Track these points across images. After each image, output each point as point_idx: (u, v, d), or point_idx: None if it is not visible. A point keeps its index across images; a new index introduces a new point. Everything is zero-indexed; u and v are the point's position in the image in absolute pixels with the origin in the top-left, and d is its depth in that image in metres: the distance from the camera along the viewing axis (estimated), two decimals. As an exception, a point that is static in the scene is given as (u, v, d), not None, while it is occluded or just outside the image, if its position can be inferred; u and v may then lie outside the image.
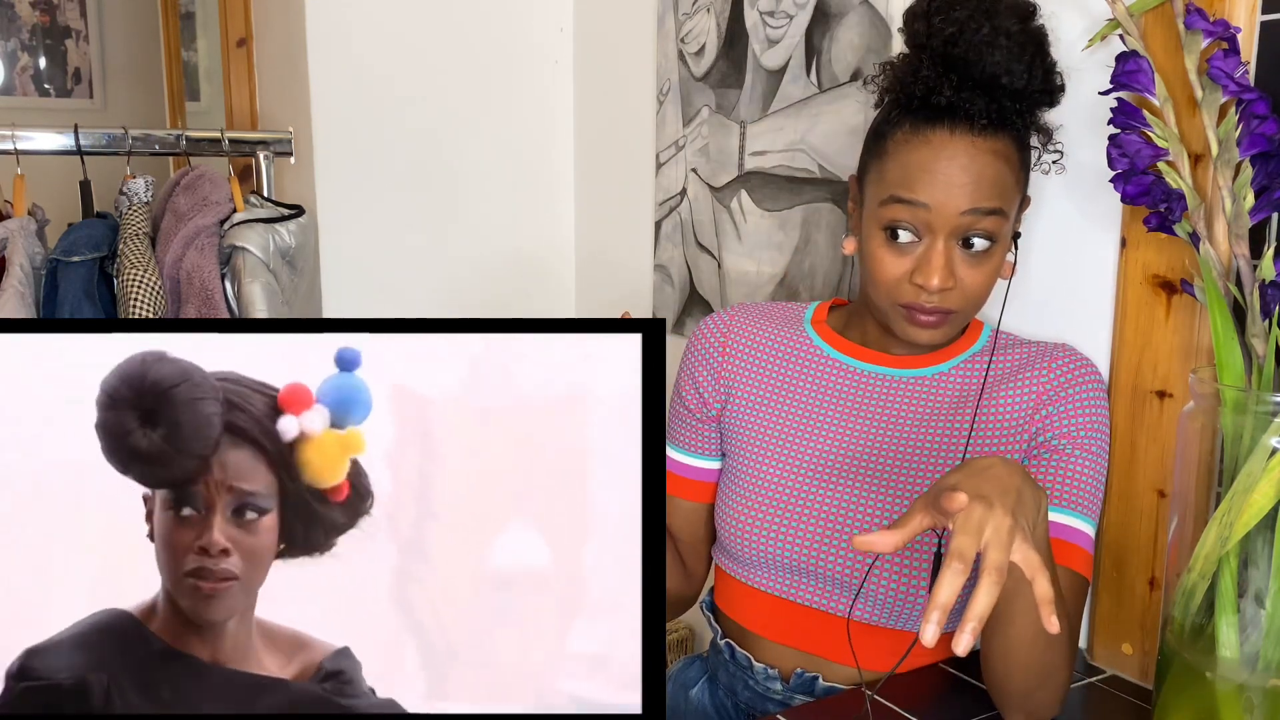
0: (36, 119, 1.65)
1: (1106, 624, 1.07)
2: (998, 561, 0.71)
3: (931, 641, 0.69)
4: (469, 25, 1.76)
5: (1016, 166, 0.97)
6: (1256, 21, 0.92)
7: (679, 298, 1.69)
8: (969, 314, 1.01)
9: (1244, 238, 0.86)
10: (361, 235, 1.72)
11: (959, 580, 0.70)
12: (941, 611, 0.70)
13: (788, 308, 1.17)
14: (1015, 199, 0.98)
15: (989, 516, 0.73)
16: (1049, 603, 0.72)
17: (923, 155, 0.95)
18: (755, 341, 1.13)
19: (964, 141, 0.94)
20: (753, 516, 1.06)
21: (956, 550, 0.71)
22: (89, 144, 1.50)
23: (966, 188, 0.94)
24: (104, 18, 3.43)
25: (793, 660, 1.06)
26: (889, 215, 0.97)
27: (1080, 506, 0.97)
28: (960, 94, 0.93)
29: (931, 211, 0.95)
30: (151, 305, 1.42)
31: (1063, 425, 0.99)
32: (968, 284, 0.97)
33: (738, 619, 1.11)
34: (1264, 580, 0.79)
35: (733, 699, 1.13)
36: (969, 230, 0.95)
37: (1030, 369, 1.03)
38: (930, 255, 0.96)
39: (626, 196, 1.77)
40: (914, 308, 0.98)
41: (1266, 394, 0.81)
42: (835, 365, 1.09)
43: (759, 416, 1.10)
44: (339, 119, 1.67)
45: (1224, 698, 0.80)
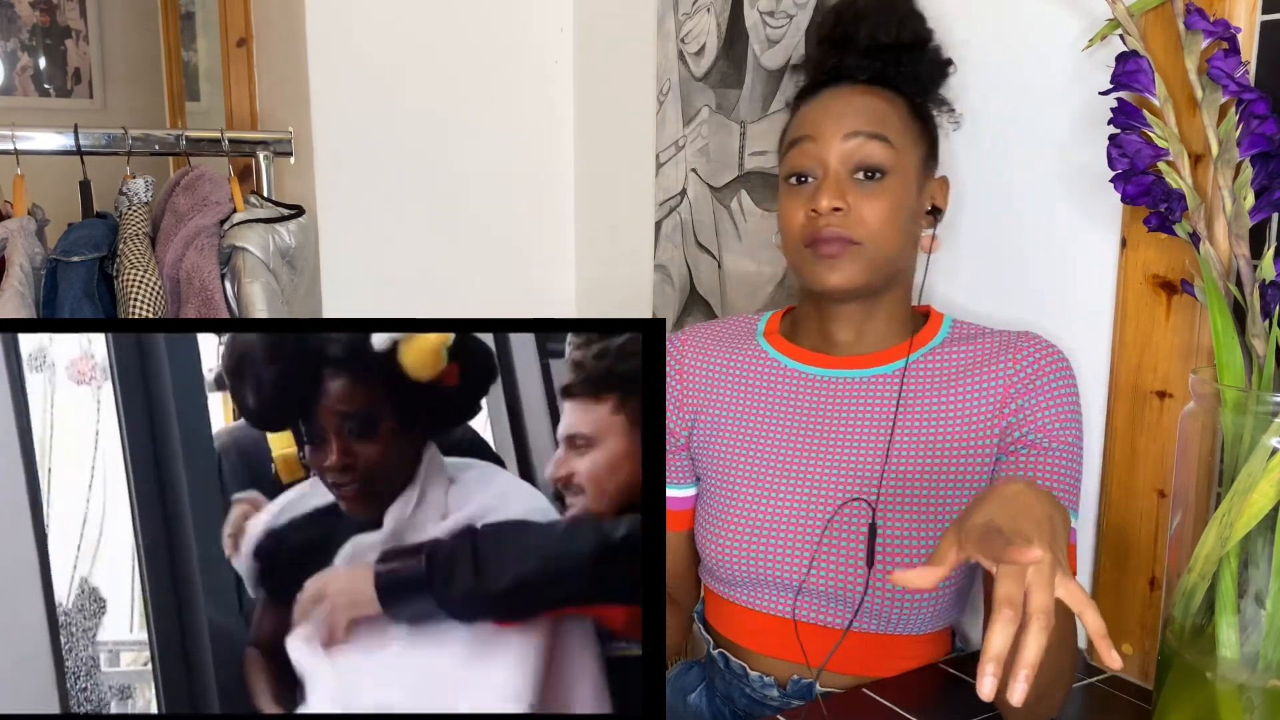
0: (36, 119, 1.65)
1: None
2: (1044, 605, 0.69)
3: (990, 695, 0.67)
4: (469, 25, 1.76)
5: (903, 114, 1.04)
6: (1256, 21, 0.92)
7: (679, 298, 1.69)
8: (872, 254, 1.01)
9: (1244, 238, 0.86)
10: (361, 235, 1.72)
11: (1011, 629, 0.68)
12: (996, 663, 0.67)
13: (738, 323, 1.17)
14: (905, 142, 1.03)
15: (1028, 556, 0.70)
16: (1103, 637, 0.71)
17: (813, 106, 1.06)
18: (710, 364, 1.14)
19: (844, 89, 1.05)
20: (733, 538, 1.06)
21: (1004, 598, 0.69)
22: (89, 144, 1.50)
23: (848, 115, 1.02)
24: (104, 18, 3.43)
25: (787, 668, 1.06)
26: (788, 163, 1.05)
27: (1063, 502, 0.97)
28: (843, 60, 1.05)
29: (818, 142, 1.02)
30: (151, 305, 1.42)
31: (1037, 420, 0.99)
32: (864, 212, 1.00)
33: (728, 635, 1.11)
34: (1264, 580, 0.79)
35: (730, 705, 1.13)
36: (860, 156, 1.01)
37: (996, 360, 1.02)
38: (822, 183, 1.01)
39: (626, 196, 1.77)
40: (816, 239, 1.00)
41: (1266, 394, 0.81)
42: (794, 375, 1.09)
43: (727, 438, 1.10)
44: (339, 119, 1.67)
45: (1224, 698, 0.80)
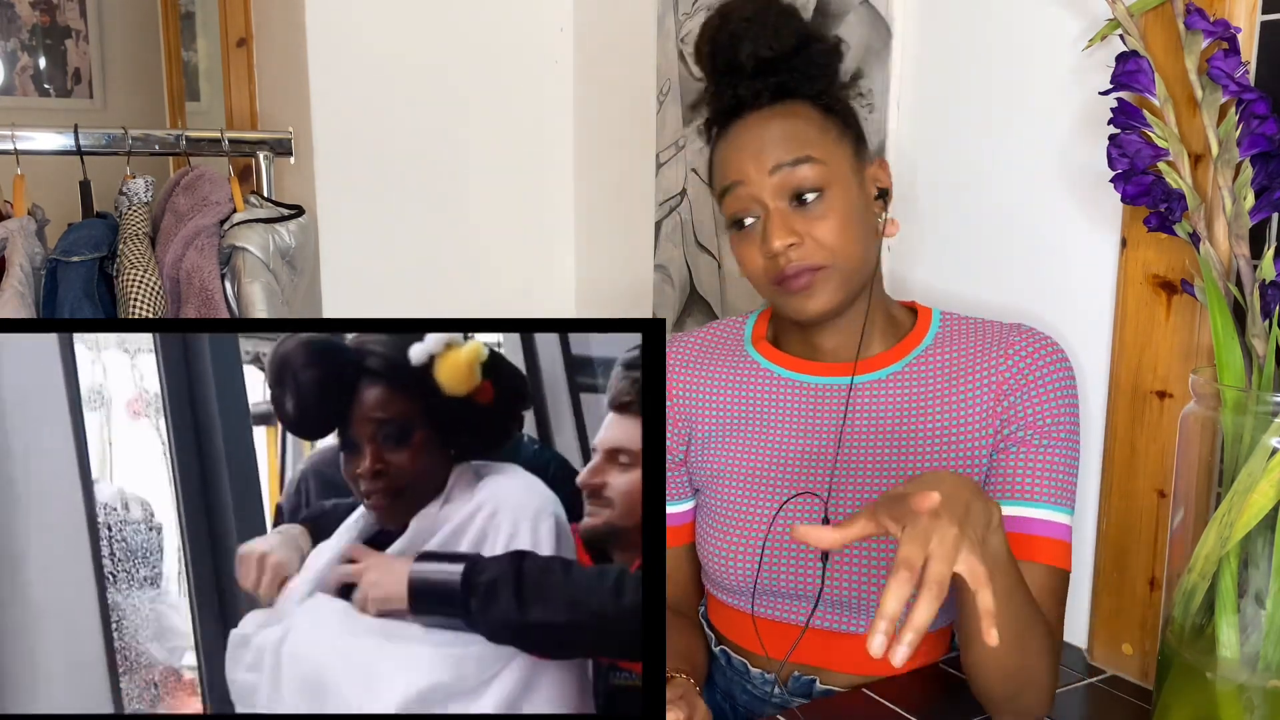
0: (36, 119, 1.65)
1: (1106, 624, 1.07)
2: (939, 574, 0.71)
3: (879, 652, 0.69)
4: (469, 25, 1.76)
5: (818, 121, 1.01)
6: (1256, 21, 0.92)
7: (679, 298, 1.69)
8: (844, 269, 0.99)
9: (1244, 238, 0.86)
10: (361, 235, 1.72)
11: (905, 589, 0.71)
12: (888, 621, 0.70)
13: (724, 328, 1.16)
14: (830, 149, 1.00)
15: (935, 527, 0.73)
16: (989, 615, 0.73)
17: (726, 147, 1.03)
18: (700, 377, 1.12)
19: (751, 119, 1.01)
20: (734, 549, 1.05)
21: (904, 559, 0.72)
22: (89, 144, 1.50)
23: (765, 150, 0.99)
24: (104, 18, 3.43)
25: (790, 666, 1.06)
26: (727, 210, 1.03)
27: (1053, 497, 0.96)
28: (738, 87, 1.02)
29: (748, 184, 0.99)
30: (151, 305, 1.42)
31: (1028, 415, 0.98)
32: (817, 235, 0.98)
33: (730, 637, 1.11)
34: (1264, 580, 0.79)
35: (730, 702, 1.13)
36: (789, 186, 0.98)
37: (988, 355, 1.01)
38: (766, 223, 0.99)
39: (626, 196, 1.77)
40: (782, 279, 0.99)
41: (1266, 394, 0.81)
42: (787, 384, 1.08)
43: (725, 451, 1.09)
44: (339, 119, 1.67)
45: (1224, 698, 0.80)
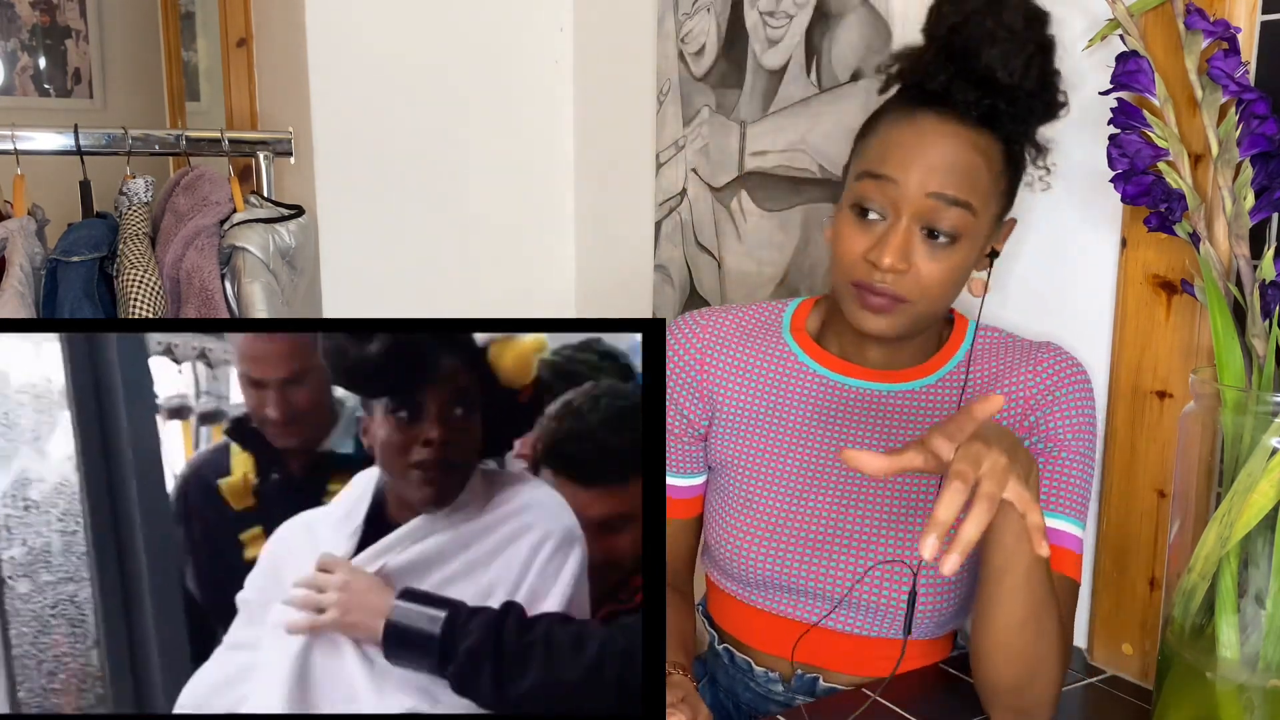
0: (36, 119, 1.65)
1: (1106, 624, 1.07)
2: (991, 490, 0.74)
3: (931, 555, 0.71)
4: (469, 25, 1.76)
5: (998, 169, 0.96)
6: (1256, 21, 0.92)
7: (679, 298, 1.69)
8: (921, 311, 0.98)
9: (1244, 238, 0.86)
10: (361, 235, 1.72)
11: (959, 499, 0.73)
12: (941, 528, 0.72)
13: (762, 312, 1.13)
14: (989, 202, 0.96)
15: (986, 452, 0.75)
16: (1039, 529, 0.75)
17: (904, 134, 0.96)
18: (734, 356, 1.10)
19: (947, 128, 0.94)
20: (748, 538, 1.05)
21: (957, 472, 0.74)
22: (89, 144, 1.50)
23: (937, 170, 0.94)
24: (104, 18, 3.43)
25: (792, 665, 1.06)
26: (859, 191, 0.97)
27: (1068, 509, 0.97)
28: (954, 82, 0.94)
29: (898, 188, 0.94)
30: (151, 305, 1.42)
31: (1051, 430, 0.99)
32: (923, 274, 0.95)
33: (733, 632, 1.11)
34: (1264, 580, 0.79)
35: (733, 700, 1.13)
36: (933, 217, 0.94)
37: (1016, 371, 1.02)
38: (891, 234, 0.95)
39: (626, 196, 1.77)
40: (865, 287, 0.96)
41: (1266, 394, 0.81)
42: (820, 381, 1.07)
43: (746, 434, 1.08)
44: (339, 119, 1.67)
45: (1224, 698, 0.80)
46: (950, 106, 0.94)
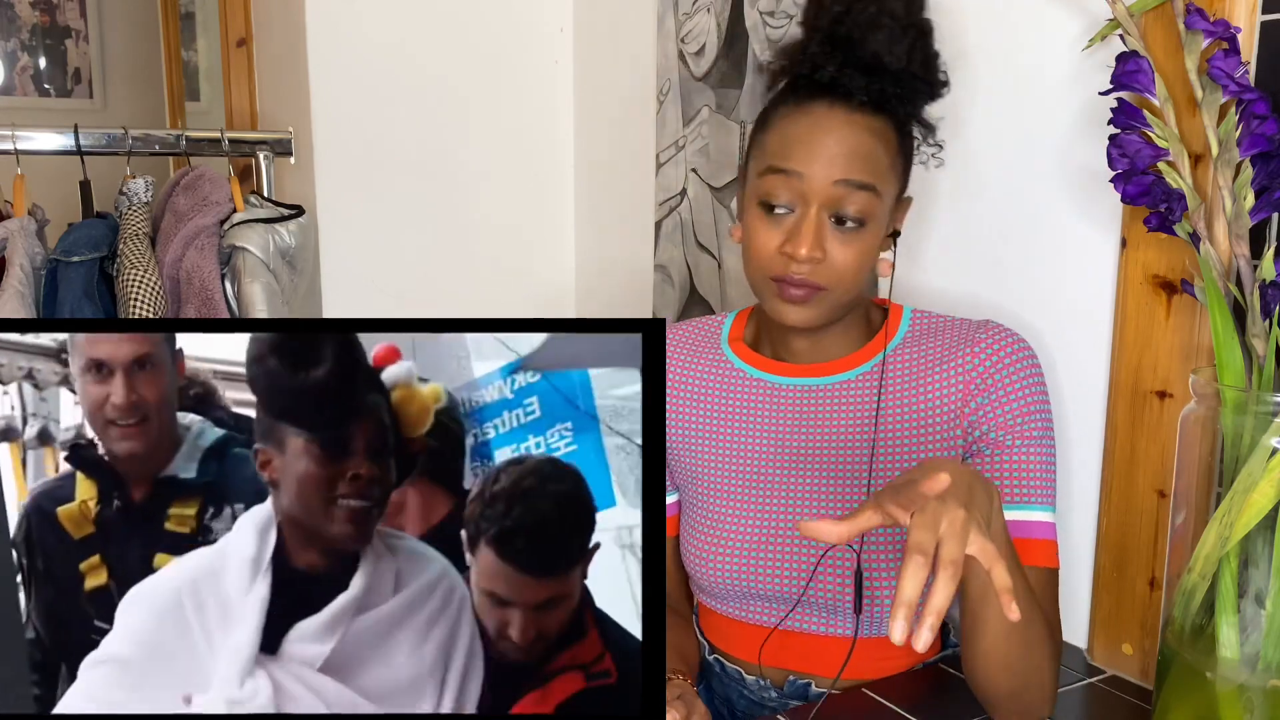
0: (36, 119, 1.65)
1: (1106, 624, 1.07)
2: (953, 555, 0.71)
3: (901, 639, 0.69)
4: (469, 25, 1.76)
5: (894, 151, 0.98)
6: (1256, 21, 0.92)
7: (679, 298, 1.69)
8: (837, 298, 0.98)
9: (1244, 238, 0.86)
10: (361, 235, 1.72)
11: (922, 574, 0.71)
12: (908, 608, 0.70)
13: (703, 326, 1.15)
14: (891, 183, 0.98)
15: (943, 510, 0.73)
16: (1008, 591, 0.73)
17: (801, 126, 0.97)
18: (677, 375, 1.12)
19: (842, 115, 0.96)
20: (712, 551, 1.06)
21: (915, 545, 0.72)
22: (89, 144, 1.50)
23: (840, 159, 0.95)
24: (104, 18, 3.43)
25: (782, 672, 1.06)
26: (765, 187, 0.98)
27: (1033, 498, 0.96)
28: (843, 70, 0.96)
29: (805, 180, 0.95)
30: (151, 305, 1.42)
31: (997, 416, 0.98)
32: (837, 261, 0.96)
33: (720, 645, 1.11)
34: (1264, 580, 0.79)
35: (729, 708, 1.13)
36: (841, 204, 0.96)
37: (954, 355, 1.01)
38: (801, 224, 0.96)
39: (626, 196, 1.77)
40: (783, 280, 0.97)
41: (1266, 394, 0.81)
42: (760, 385, 1.08)
43: (698, 449, 1.09)
44: (339, 119, 1.67)
45: (1224, 698, 0.80)
46: (841, 95, 0.96)
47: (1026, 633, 0.86)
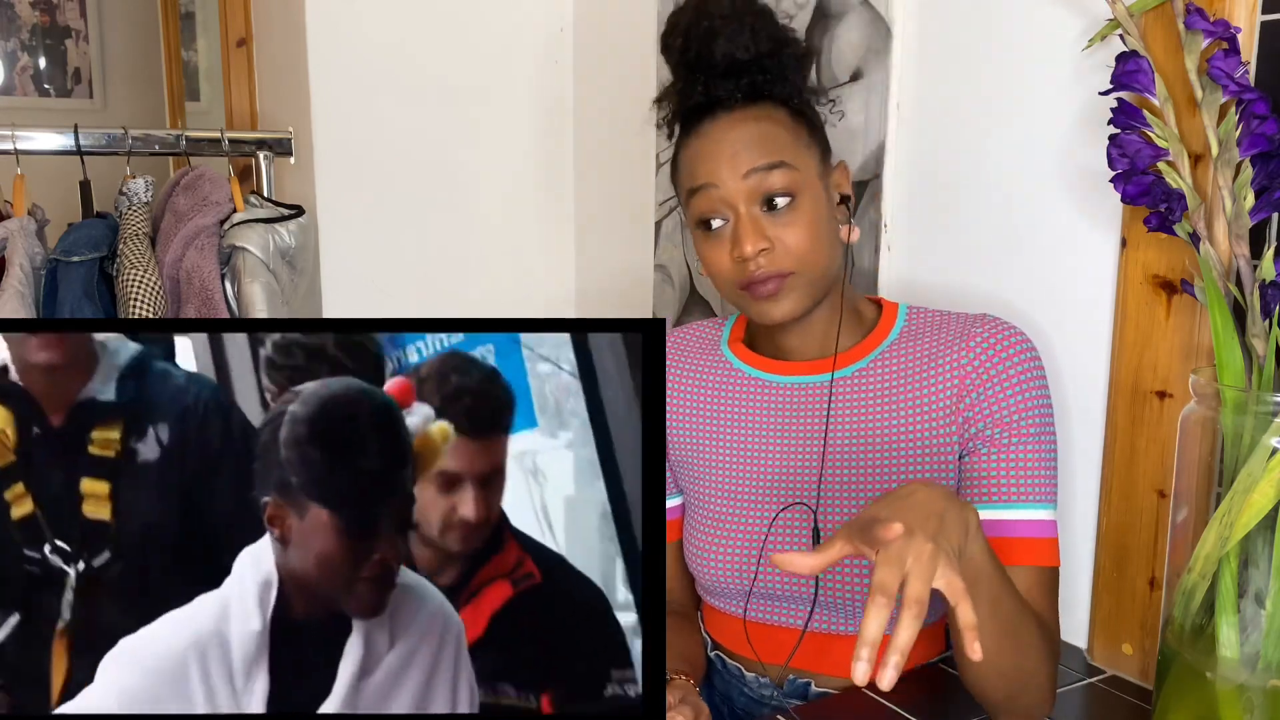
0: (36, 119, 1.65)
1: (1106, 624, 1.07)
2: (918, 593, 0.70)
3: (863, 680, 0.68)
4: (469, 25, 1.76)
5: (789, 124, 1.00)
6: (1256, 21, 0.92)
7: (679, 298, 1.69)
8: (811, 275, 0.99)
9: (1244, 238, 0.86)
10: (361, 235, 1.72)
11: (884, 614, 0.70)
12: (870, 648, 0.69)
13: (704, 329, 1.16)
14: (801, 154, 0.99)
15: (909, 546, 0.72)
16: (970, 629, 0.72)
17: (697, 147, 1.01)
18: (677, 376, 1.13)
19: (724, 121, 1.00)
20: (713, 550, 1.06)
21: (878, 584, 0.71)
22: (89, 144, 1.50)
23: (740, 154, 0.98)
24: (104, 18, 3.43)
25: (783, 670, 1.06)
26: (694, 211, 1.01)
27: (1029, 495, 0.95)
28: (708, 85, 1.00)
29: (720, 188, 0.98)
30: (151, 305, 1.42)
31: (994, 412, 0.97)
32: (788, 241, 0.98)
33: (722, 641, 1.12)
34: (1264, 580, 0.79)
35: (729, 705, 1.13)
36: (762, 191, 0.98)
37: (950, 349, 1.00)
38: (737, 227, 0.98)
39: (627, 197, 1.77)
40: (749, 283, 0.99)
41: (1266, 394, 0.81)
42: (758, 385, 1.08)
43: (699, 450, 1.10)
44: (339, 119, 1.67)
45: (1224, 698, 0.80)
46: (718, 108, 1.00)
47: (1019, 638, 0.86)
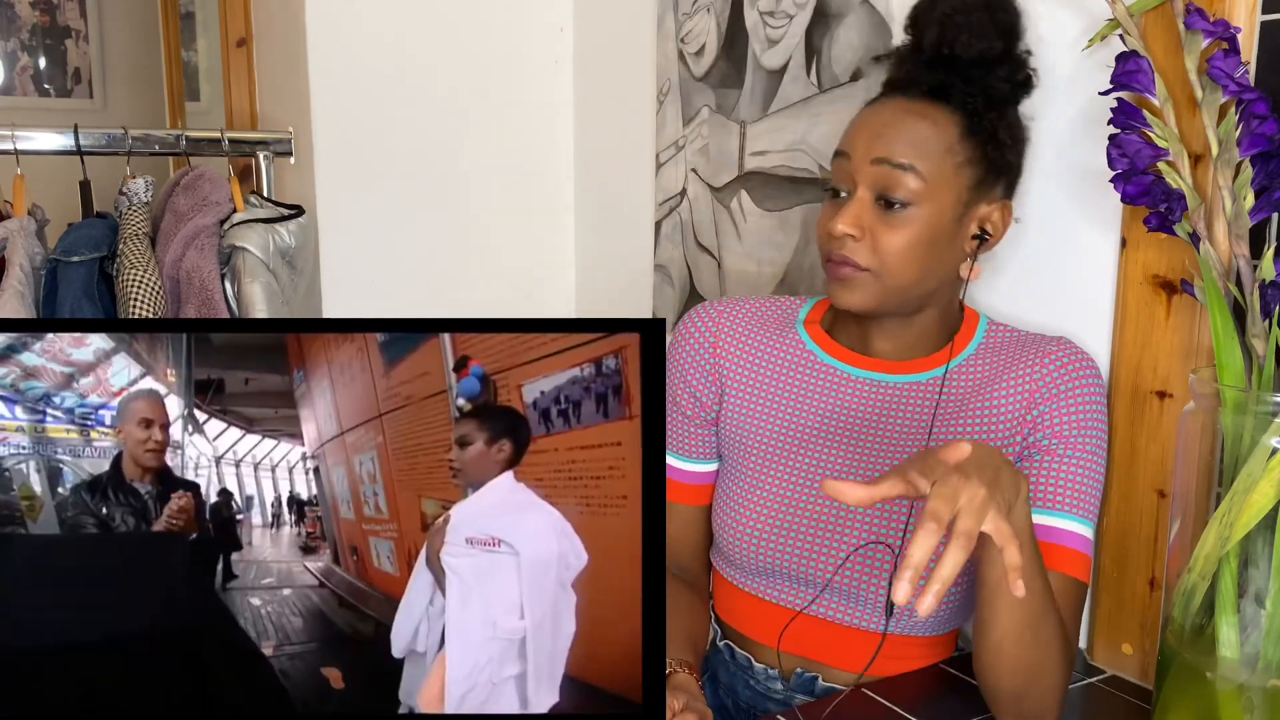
0: (36, 119, 1.65)
1: (1106, 624, 1.07)
2: (967, 528, 0.72)
3: (903, 599, 0.70)
4: (469, 25, 1.76)
5: (953, 135, 0.98)
6: (1256, 21, 0.92)
7: (679, 298, 1.69)
8: (888, 285, 0.99)
9: (1244, 238, 0.86)
10: (361, 235, 1.72)
11: (932, 540, 0.71)
12: (914, 570, 0.70)
13: (779, 305, 1.16)
14: (946, 168, 0.98)
15: (964, 486, 0.74)
16: (1016, 569, 0.73)
17: (863, 115, 1.03)
18: (746, 343, 1.12)
19: (893, 104, 1.01)
20: (752, 525, 1.05)
21: (931, 511, 0.72)
22: (89, 144, 1.50)
23: (881, 138, 0.99)
24: (104, 18, 3.43)
25: (792, 660, 1.06)
26: (832, 174, 1.03)
27: (1073, 508, 0.96)
28: (917, 69, 1.01)
29: (850, 160, 1.00)
30: (151, 305, 1.42)
31: (1054, 425, 0.98)
32: (881, 243, 0.98)
33: (735, 625, 1.11)
34: (1264, 580, 0.79)
35: (733, 698, 1.13)
36: (884, 184, 0.98)
37: (1022, 365, 1.01)
38: (847, 203, 1.00)
39: (626, 196, 1.77)
40: (830, 257, 1.01)
41: (1266, 394, 0.81)
42: (828, 371, 1.08)
43: (755, 422, 1.10)
44: (339, 119, 1.67)
45: (1224, 698, 0.80)
46: (909, 88, 1.01)
47: (1039, 631, 0.86)
